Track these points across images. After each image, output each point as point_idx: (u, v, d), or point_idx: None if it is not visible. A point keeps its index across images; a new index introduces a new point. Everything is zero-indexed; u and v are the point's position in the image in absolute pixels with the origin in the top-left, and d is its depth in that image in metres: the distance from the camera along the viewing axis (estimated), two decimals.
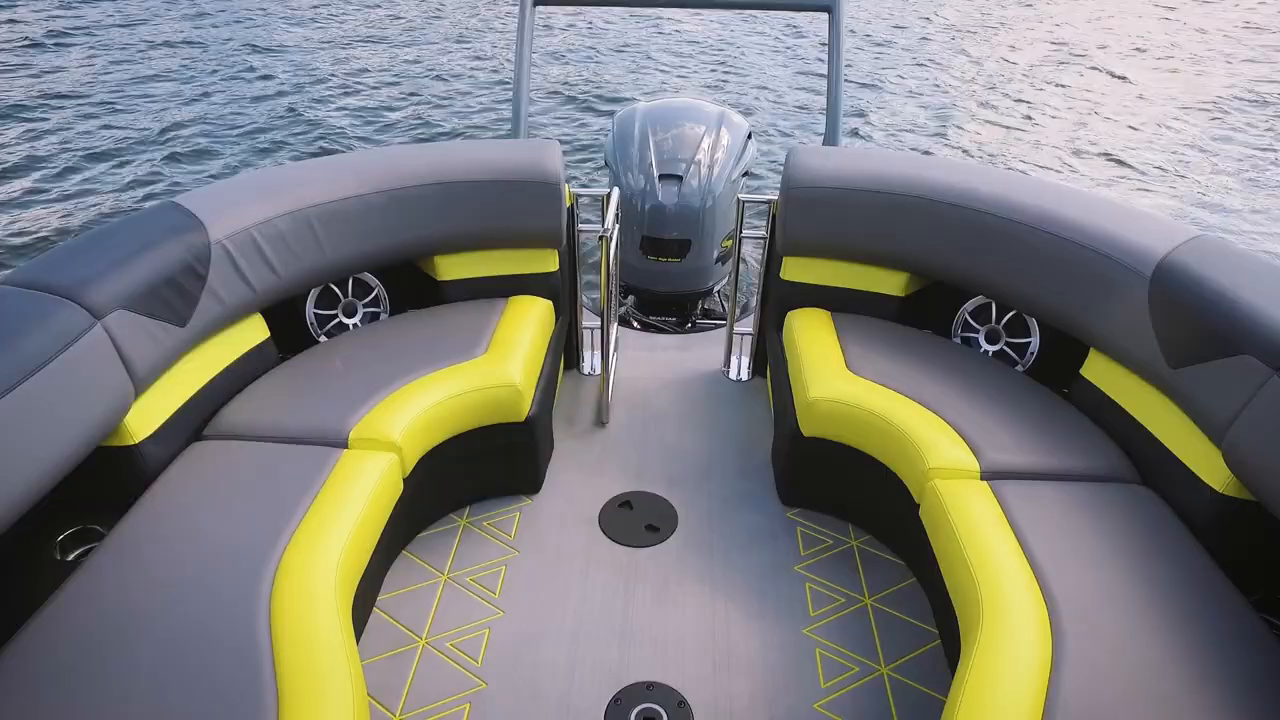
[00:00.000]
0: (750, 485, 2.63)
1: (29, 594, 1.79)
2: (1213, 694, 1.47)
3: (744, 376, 3.17)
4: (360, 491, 1.93)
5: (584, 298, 3.14)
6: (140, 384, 1.91)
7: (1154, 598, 1.67)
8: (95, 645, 1.51)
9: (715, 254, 3.75)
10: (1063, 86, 10.73)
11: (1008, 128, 9.21)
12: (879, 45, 12.39)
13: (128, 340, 1.85)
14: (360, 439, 2.07)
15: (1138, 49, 12.56)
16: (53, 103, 8.56)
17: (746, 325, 3.29)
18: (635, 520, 2.48)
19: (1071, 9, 15.26)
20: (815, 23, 12.85)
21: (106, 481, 1.94)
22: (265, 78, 9.94)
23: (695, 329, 3.83)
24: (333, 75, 10.20)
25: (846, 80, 10.59)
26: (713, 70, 11.16)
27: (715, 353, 3.33)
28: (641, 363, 3.25)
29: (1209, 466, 1.85)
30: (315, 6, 13.53)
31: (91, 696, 1.42)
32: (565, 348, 3.08)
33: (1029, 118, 9.56)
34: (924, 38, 12.99)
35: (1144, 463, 2.07)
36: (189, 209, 2.14)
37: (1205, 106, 10.09)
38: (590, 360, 3.24)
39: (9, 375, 1.57)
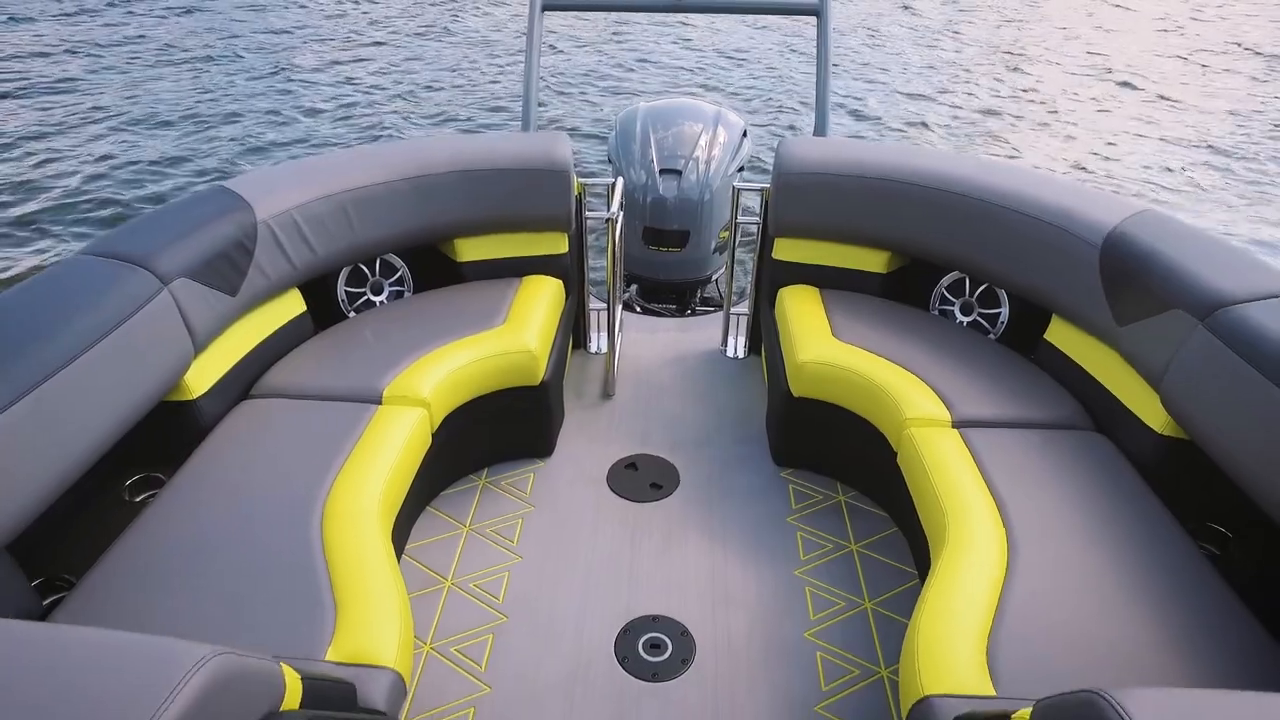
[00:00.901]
0: (746, 450, 2.85)
1: (104, 530, 2.01)
2: (1145, 598, 1.69)
3: (740, 354, 3.40)
4: (394, 441, 2.15)
5: (590, 285, 3.37)
6: (199, 345, 2.13)
7: (1100, 522, 1.89)
8: (170, 569, 1.73)
9: (713, 245, 3.98)
10: (1069, 94, 11.08)
11: (1008, 122, 9.61)
12: (887, 53, 12.73)
13: (189, 304, 2.08)
14: (393, 396, 2.30)
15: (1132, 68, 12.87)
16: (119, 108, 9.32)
17: (743, 308, 3.52)
18: (640, 479, 2.70)
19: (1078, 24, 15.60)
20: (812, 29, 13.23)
21: (167, 433, 2.17)
22: (305, 85, 10.60)
23: (694, 314, 4.05)
24: (359, 77, 10.89)
25: (866, 82, 10.92)
26: (718, 71, 11.68)
27: (713, 333, 3.56)
28: (644, 343, 3.48)
29: (1151, 411, 2.08)
30: (332, 19, 14.03)
31: (173, 610, 1.63)
32: (574, 328, 3.31)
33: (1021, 116, 9.85)
34: (931, 44, 13.32)
35: (1098, 412, 2.29)
36: (237, 192, 2.38)
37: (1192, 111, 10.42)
38: (597, 341, 3.46)
39: (92, 332, 1.79)
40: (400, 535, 2.33)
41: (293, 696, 1.16)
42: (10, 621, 0.96)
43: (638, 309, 4.07)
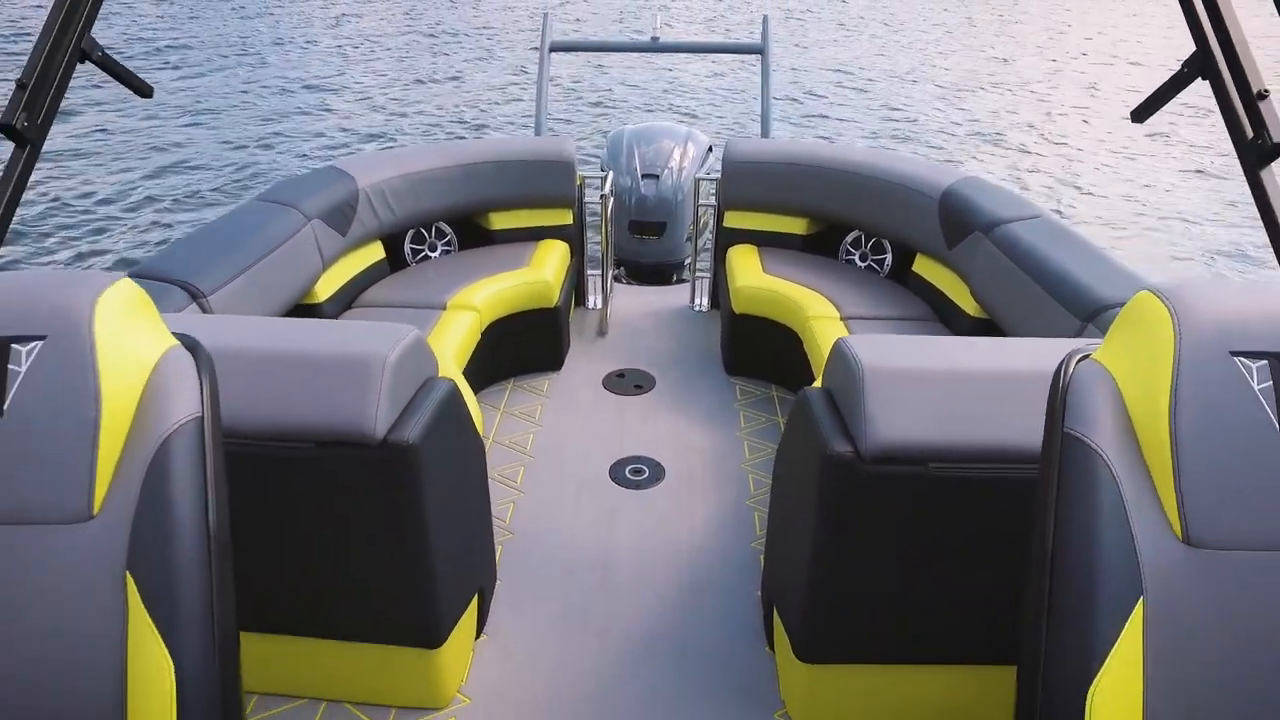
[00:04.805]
0: (706, 366, 3.84)
1: None
2: None
3: (704, 308, 4.42)
4: (457, 331, 3.14)
5: (587, 259, 4.39)
6: (325, 265, 3.13)
7: None
8: None
9: (685, 236, 5.03)
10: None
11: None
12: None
13: (321, 237, 3.09)
14: (454, 305, 3.29)
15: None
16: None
17: (706, 273, 4.54)
18: (627, 383, 3.68)
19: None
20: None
21: None
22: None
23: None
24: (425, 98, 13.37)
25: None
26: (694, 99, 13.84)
27: (684, 295, 4.58)
28: (631, 303, 4.50)
29: (967, 303, 3.09)
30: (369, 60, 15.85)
31: None
32: (576, 287, 4.32)
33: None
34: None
35: (939, 310, 3.31)
36: (345, 169, 3.40)
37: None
38: (594, 299, 4.48)
39: (265, 247, 2.79)
40: None
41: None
42: (285, 319, 1.92)
43: (625, 282, 5.11)
